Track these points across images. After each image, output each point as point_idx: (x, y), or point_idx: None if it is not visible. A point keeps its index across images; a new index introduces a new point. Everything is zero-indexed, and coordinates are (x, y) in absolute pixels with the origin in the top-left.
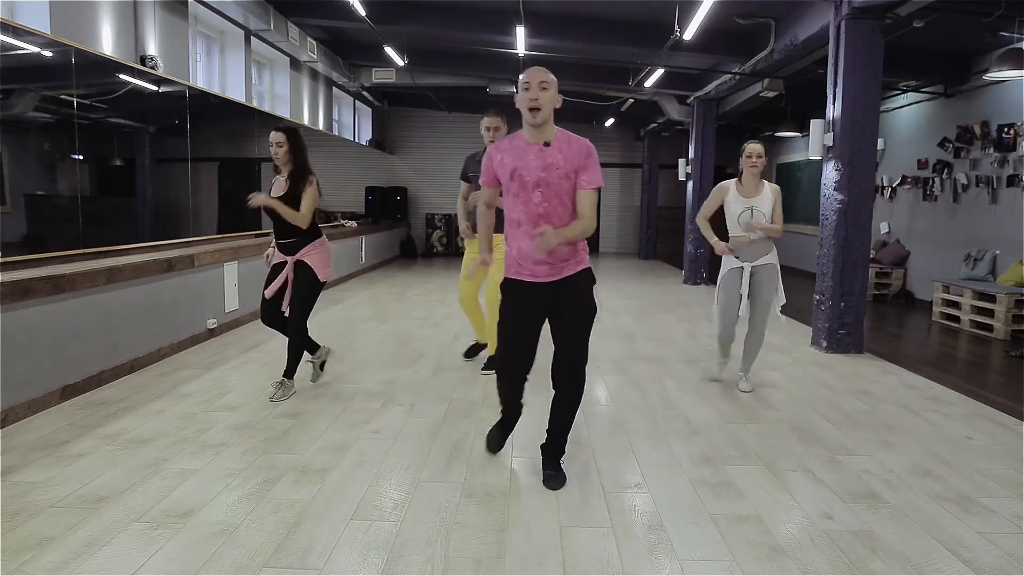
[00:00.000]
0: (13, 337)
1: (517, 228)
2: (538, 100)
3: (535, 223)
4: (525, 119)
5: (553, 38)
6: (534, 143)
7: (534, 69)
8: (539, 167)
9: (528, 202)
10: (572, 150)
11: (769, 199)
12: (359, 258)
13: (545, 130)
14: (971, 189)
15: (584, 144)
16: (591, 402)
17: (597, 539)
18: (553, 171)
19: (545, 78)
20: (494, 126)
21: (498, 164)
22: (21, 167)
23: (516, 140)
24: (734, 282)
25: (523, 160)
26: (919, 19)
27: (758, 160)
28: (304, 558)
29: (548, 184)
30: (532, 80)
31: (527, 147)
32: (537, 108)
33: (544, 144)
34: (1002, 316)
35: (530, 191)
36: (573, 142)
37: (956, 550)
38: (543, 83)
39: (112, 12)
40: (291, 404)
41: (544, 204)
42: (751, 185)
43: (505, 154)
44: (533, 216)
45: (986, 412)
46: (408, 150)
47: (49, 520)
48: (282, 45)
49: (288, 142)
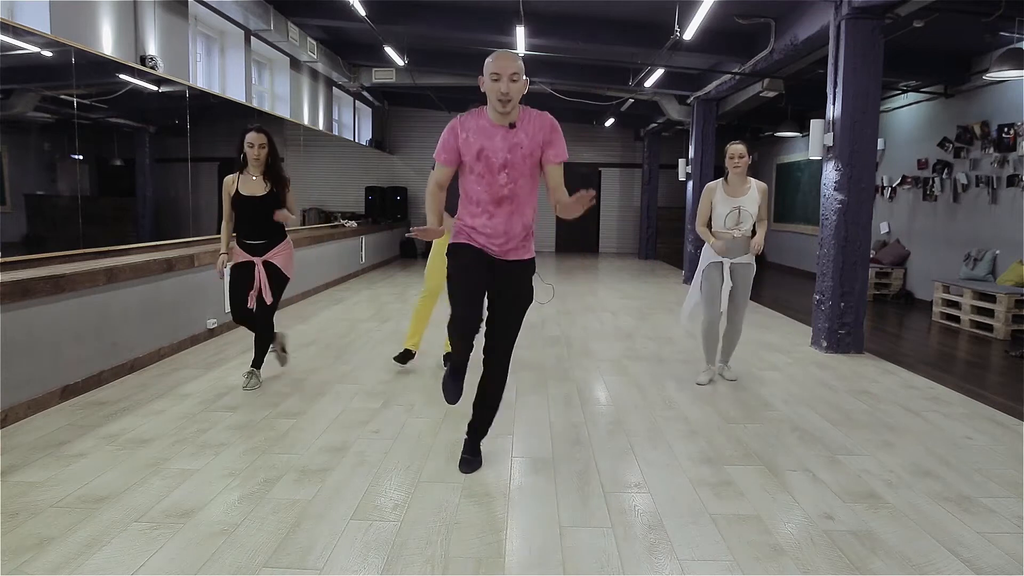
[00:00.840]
0: (13, 337)
1: (476, 207)
2: (509, 93)
3: (498, 203)
4: (493, 107)
5: (553, 38)
6: (500, 125)
7: (503, 56)
8: (505, 148)
9: (493, 183)
10: (535, 127)
11: (755, 198)
12: (359, 258)
13: (512, 113)
14: (971, 189)
15: (547, 119)
16: (591, 402)
17: (597, 539)
18: (517, 151)
19: (515, 69)
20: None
21: (463, 142)
22: (21, 167)
23: (481, 119)
24: (716, 275)
25: (490, 141)
26: (919, 19)
27: (740, 160)
28: (304, 558)
29: (513, 165)
30: (503, 72)
31: (493, 128)
32: (508, 100)
33: (510, 126)
34: (1002, 316)
35: (496, 173)
36: (535, 118)
37: (956, 550)
38: (513, 75)
39: (112, 12)
40: (291, 404)
41: (510, 185)
42: (737, 184)
43: (470, 133)
44: (497, 197)
45: (986, 412)
46: (408, 150)
47: (49, 520)
48: (282, 45)
49: (269, 144)
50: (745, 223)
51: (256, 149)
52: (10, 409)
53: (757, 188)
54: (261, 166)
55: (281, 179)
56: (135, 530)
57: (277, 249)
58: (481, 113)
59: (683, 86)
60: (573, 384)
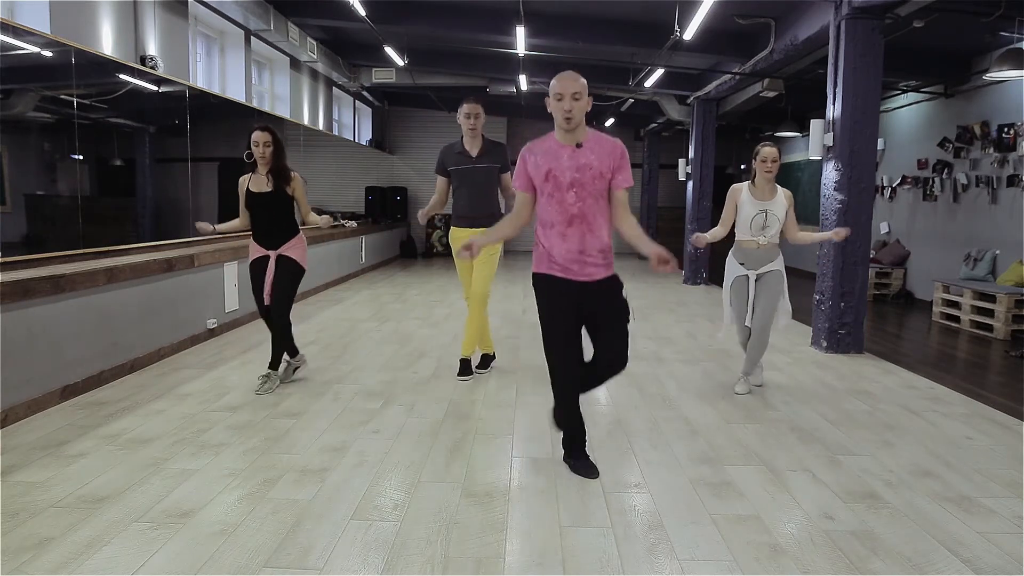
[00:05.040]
0: (13, 337)
1: (550, 229)
2: (572, 111)
3: (569, 223)
4: (559, 125)
5: (553, 38)
6: (567, 145)
7: (567, 78)
8: (573, 168)
9: (563, 202)
10: (605, 151)
11: (783, 204)
12: (359, 258)
13: (577, 132)
14: (971, 189)
15: (617, 145)
16: (591, 402)
17: (597, 539)
18: (587, 171)
19: (578, 89)
20: (475, 112)
21: (532, 167)
22: (21, 167)
23: (548, 142)
24: (742, 291)
25: (557, 161)
26: (919, 19)
27: (773, 165)
28: (304, 558)
29: (582, 184)
30: (565, 92)
31: (560, 148)
32: (572, 118)
33: (576, 145)
34: (1002, 316)
35: (564, 191)
36: (605, 142)
37: (956, 550)
38: (576, 94)
39: (112, 12)
40: (291, 404)
41: (579, 204)
42: (765, 189)
43: (538, 156)
44: (567, 216)
45: (986, 412)
46: (408, 150)
47: (49, 520)
48: (282, 45)
49: (274, 142)
50: (771, 228)
51: (261, 147)
52: (10, 409)
53: (784, 195)
54: (267, 164)
55: (283, 175)
56: (135, 530)
57: (292, 243)
58: (549, 136)
59: (683, 86)
60: None
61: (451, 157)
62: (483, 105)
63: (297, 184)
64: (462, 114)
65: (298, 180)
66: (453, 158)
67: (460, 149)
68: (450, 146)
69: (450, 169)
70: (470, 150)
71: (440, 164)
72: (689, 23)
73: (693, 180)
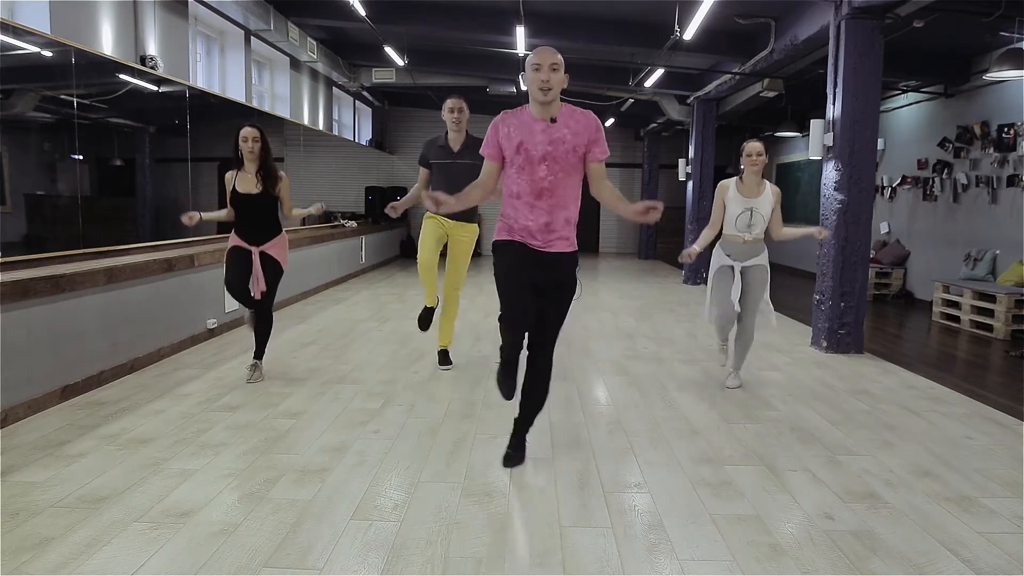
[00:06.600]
0: (13, 337)
1: (517, 200)
2: (549, 82)
3: (538, 196)
4: (534, 97)
5: (553, 38)
6: (541, 119)
7: (544, 50)
8: (545, 142)
9: (533, 175)
10: (580, 124)
11: (770, 200)
12: (359, 258)
13: (552, 107)
14: (971, 189)
15: (592, 118)
16: (591, 402)
17: (597, 539)
18: (560, 145)
19: (555, 60)
20: (458, 107)
21: (504, 136)
22: (21, 167)
23: (523, 115)
24: (727, 277)
25: (530, 135)
26: (919, 19)
27: (758, 158)
28: (304, 558)
29: (555, 159)
30: (543, 62)
31: (533, 122)
32: (549, 89)
33: (551, 120)
34: (1002, 316)
35: (536, 165)
36: (579, 116)
37: (956, 550)
38: (554, 65)
39: (112, 12)
40: (291, 404)
41: (550, 178)
42: (752, 185)
43: (511, 128)
44: (537, 189)
45: (986, 412)
46: (408, 150)
47: (49, 520)
48: (282, 45)
49: (262, 139)
50: (757, 226)
51: (250, 143)
52: (10, 409)
53: (772, 191)
54: (255, 161)
55: (273, 176)
56: (135, 530)
57: (274, 241)
58: (524, 109)
59: (683, 86)
60: (573, 384)
61: (433, 150)
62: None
63: (284, 185)
64: (446, 109)
65: (285, 181)
66: (435, 151)
67: (443, 143)
68: (433, 139)
69: (431, 162)
70: (452, 145)
71: (422, 156)
72: (689, 23)
73: (693, 180)
